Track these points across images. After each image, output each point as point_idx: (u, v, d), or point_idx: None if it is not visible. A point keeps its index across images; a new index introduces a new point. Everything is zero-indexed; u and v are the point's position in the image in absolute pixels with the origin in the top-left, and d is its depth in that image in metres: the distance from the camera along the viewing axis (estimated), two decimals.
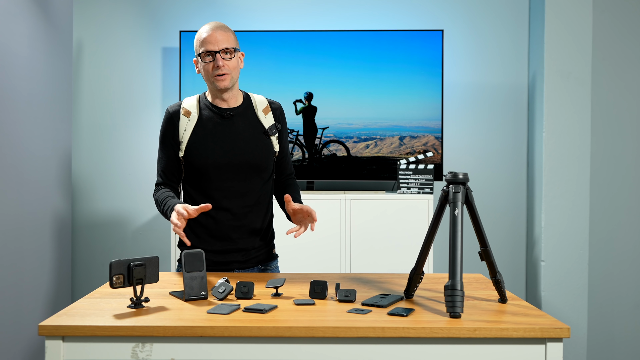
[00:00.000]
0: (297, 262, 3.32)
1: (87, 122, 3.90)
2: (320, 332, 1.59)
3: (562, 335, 1.60)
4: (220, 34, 2.18)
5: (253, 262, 2.30)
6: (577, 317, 3.67)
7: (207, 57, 2.19)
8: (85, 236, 3.90)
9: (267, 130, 2.28)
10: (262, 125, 2.29)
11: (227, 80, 2.20)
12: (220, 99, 2.25)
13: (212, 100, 2.27)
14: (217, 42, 2.17)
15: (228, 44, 2.19)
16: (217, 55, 2.17)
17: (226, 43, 2.18)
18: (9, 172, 2.94)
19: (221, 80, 2.19)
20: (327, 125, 3.66)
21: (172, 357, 1.61)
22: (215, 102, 2.26)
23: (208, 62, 2.19)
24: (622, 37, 3.87)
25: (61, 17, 3.52)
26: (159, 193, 2.26)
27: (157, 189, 2.29)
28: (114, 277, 1.73)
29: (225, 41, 2.18)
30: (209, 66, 2.19)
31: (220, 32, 2.19)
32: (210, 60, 2.19)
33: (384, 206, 3.46)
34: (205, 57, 2.19)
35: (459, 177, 1.78)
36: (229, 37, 2.20)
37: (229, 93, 2.24)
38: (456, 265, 1.69)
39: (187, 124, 2.23)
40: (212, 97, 2.27)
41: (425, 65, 3.64)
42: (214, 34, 2.18)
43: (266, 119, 2.30)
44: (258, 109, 2.30)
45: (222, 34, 2.19)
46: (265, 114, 2.31)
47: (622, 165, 3.88)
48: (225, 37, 2.19)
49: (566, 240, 3.67)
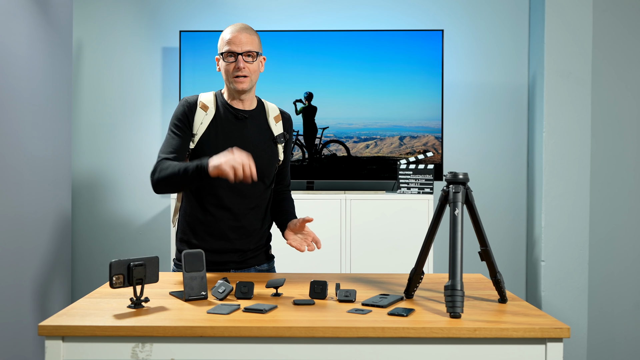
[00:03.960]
0: (297, 262, 3.32)
1: (87, 122, 3.90)
2: (320, 332, 1.59)
3: (562, 335, 1.60)
4: (245, 36, 2.20)
5: (249, 262, 2.31)
6: (577, 317, 3.67)
7: (229, 57, 2.20)
8: (85, 236, 3.90)
9: (275, 138, 2.31)
10: (272, 132, 2.31)
11: (246, 83, 2.21)
12: (237, 100, 2.27)
13: (228, 99, 2.28)
14: (241, 44, 2.19)
15: (252, 46, 2.20)
16: (240, 57, 2.19)
17: (249, 46, 2.20)
18: (9, 172, 2.94)
19: (240, 82, 2.21)
20: (327, 125, 3.66)
21: (172, 357, 1.61)
22: (232, 102, 2.27)
23: (230, 63, 2.20)
24: (622, 37, 3.87)
25: (61, 17, 3.52)
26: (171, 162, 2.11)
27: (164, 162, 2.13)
28: (114, 277, 1.73)
29: (249, 44, 2.20)
30: (230, 66, 2.20)
31: (245, 34, 2.20)
32: (232, 61, 2.20)
33: (384, 206, 3.46)
34: (227, 57, 2.20)
35: (459, 177, 1.78)
36: (253, 40, 2.22)
37: (246, 95, 2.26)
38: (456, 265, 1.69)
39: (204, 118, 2.24)
40: (228, 96, 2.28)
41: (425, 65, 3.63)
42: (239, 35, 2.19)
43: (276, 127, 2.33)
44: (270, 115, 2.33)
45: (247, 36, 2.20)
46: (276, 122, 2.33)
47: (622, 165, 3.88)
48: (249, 40, 2.20)
49: (566, 240, 3.67)
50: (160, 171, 2.12)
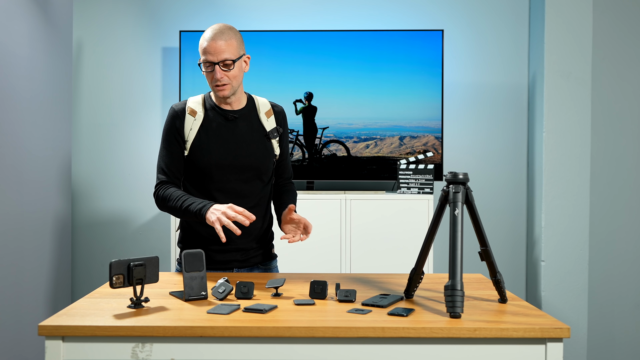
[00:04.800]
0: (297, 262, 3.32)
1: (87, 122, 3.90)
2: (320, 332, 1.59)
3: (562, 335, 1.60)
4: (220, 44, 2.13)
5: (252, 261, 2.31)
6: (577, 317, 3.67)
7: (207, 66, 2.17)
8: (85, 236, 3.90)
9: (268, 134, 2.30)
10: (264, 128, 2.30)
11: (226, 90, 2.19)
12: (224, 103, 2.26)
13: (216, 101, 2.27)
14: (216, 53, 2.13)
15: (229, 54, 2.14)
16: (216, 66, 2.15)
17: (226, 53, 2.14)
18: (9, 172, 2.94)
19: (221, 90, 2.19)
20: (327, 125, 3.66)
21: (172, 357, 1.61)
22: (220, 104, 2.27)
23: (208, 72, 2.18)
24: (622, 37, 3.87)
25: (61, 17, 3.52)
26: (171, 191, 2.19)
27: (163, 187, 2.22)
28: (114, 277, 1.73)
29: (225, 51, 2.14)
30: (209, 76, 2.18)
31: (220, 41, 2.13)
32: (210, 71, 2.17)
33: (384, 206, 3.46)
34: (205, 67, 2.18)
35: (459, 177, 1.78)
36: (230, 46, 2.14)
37: (231, 98, 2.24)
38: (456, 265, 1.69)
39: (192, 123, 2.24)
40: (216, 99, 2.28)
41: (425, 65, 3.63)
42: (214, 44, 2.13)
43: (268, 122, 2.31)
44: (261, 112, 2.31)
45: (222, 43, 2.13)
46: (268, 117, 2.32)
47: (622, 165, 3.88)
48: (226, 47, 2.14)
49: (566, 240, 3.67)
50: (162, 200, 2.22)
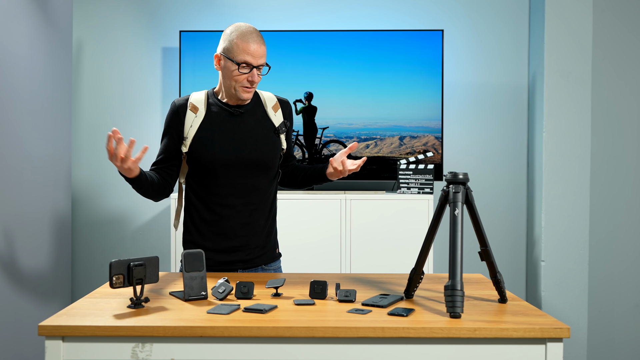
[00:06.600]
0: (297, 262, 3.32)
1: (87, 122, 3.90)
2: (320, 332, 1.59)
3: (562, 335, 1.60)
4: (263, 49, 2.18)
5: (257, 261, 2.30)
6: (577, 317, 3.67)
7: (245, 67, 2.17)
8: (85, 236, 3.90)
9: (277, 129, 2.29)
10: (273, 123, 2.30)
11: (252, 93, 2.22)
12: (240, 101, 2.25)
13: (223, 97, 2.26)
14: (258, 57, 2.17)
15: (265, 59, 2.20)
16: (254, 70, 2.17)
17: (264, 58, 2.19)
18: (9, 172, 2.94)
19: (248, 91, 2.20)
20: (327, 125, 3.66)
21: (172, 357, 1.61)
22: (225, 100, 2.26)
23: (243, 74, 2.17)
24: (622, 37, 3.87)
25: (61, 17, 3.52)
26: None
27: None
28: (114, 277, 1.73)
29: (264, 56, 2.19)
30: (242, 77, 2.18)
31: (264, 46, 2.19)
32: (247, 72, 2.17)
33: (384, 206, 3.46)
34: (242, 67, 2.17)
35: (459, 177, 1.78)
36: (265, 53, 2.20)
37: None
38: (456, 265, 1.69)
39: (193, 120, 2.23)
40: (223, 95, 2.26)
41: (425, 65, 3.64)
42: (259, 48, 2.17)
43: (276, 117, 2.31)
44: (267, 106, 2.31)
45: (264, 49, 2.19)
46: (275, 111, 2.32)
47: (622, 165, 3.88)
48: (264, 53, 2.19)
49: (566, 240, 3.67)
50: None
